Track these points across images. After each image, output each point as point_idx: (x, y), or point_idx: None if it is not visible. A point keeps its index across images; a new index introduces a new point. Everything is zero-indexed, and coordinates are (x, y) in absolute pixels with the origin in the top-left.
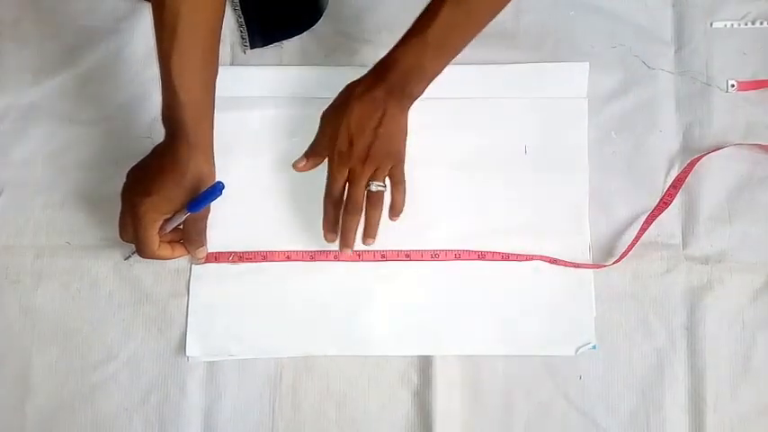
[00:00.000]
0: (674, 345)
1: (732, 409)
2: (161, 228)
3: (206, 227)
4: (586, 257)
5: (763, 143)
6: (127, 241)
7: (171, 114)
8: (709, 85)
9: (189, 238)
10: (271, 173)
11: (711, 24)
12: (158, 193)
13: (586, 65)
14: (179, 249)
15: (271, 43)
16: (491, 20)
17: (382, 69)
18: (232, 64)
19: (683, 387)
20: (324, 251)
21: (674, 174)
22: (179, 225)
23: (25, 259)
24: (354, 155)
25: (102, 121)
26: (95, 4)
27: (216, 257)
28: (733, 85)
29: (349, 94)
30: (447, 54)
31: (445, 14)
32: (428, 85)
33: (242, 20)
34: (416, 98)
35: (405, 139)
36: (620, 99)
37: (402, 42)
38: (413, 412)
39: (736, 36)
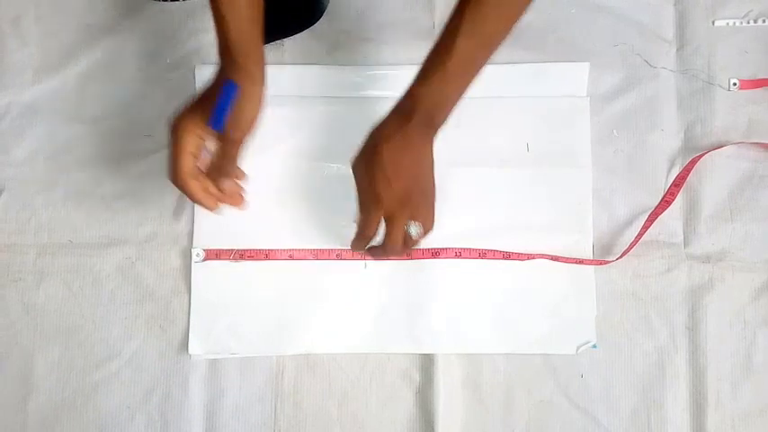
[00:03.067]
0: (676, 343)
1: (733, 408)
2: (196, 158)
3: (237, 156)
4: (589, 256)
5: (765, 141)
6: (175, 183)
7: (221, 50)
8: (711, 83)
9: (217, 164)
10: (273, 171)
11: (713, 23)
12: (194, 104)
13: (587, 65)
14: (210, 200)
15: (272, 41)
16: (506, 38)
17: (406, 107)
18: None
19: (684, 386)
20: (326, 250)
21: (676, 172)
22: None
23: (27, 258)
24: (394, 199)
25: (104, 119)
26: (96, 1)
27: (217, 254)
28: (735, 84)
29: (377, 139)
30: (468, 80)
31: (462, 45)
32: (452, 113)
33: None
34: (442, 126)
35: (433, 176)
36: (621, 97)
37: (422, 77)
38: (414, 410)
39: (738, 34)
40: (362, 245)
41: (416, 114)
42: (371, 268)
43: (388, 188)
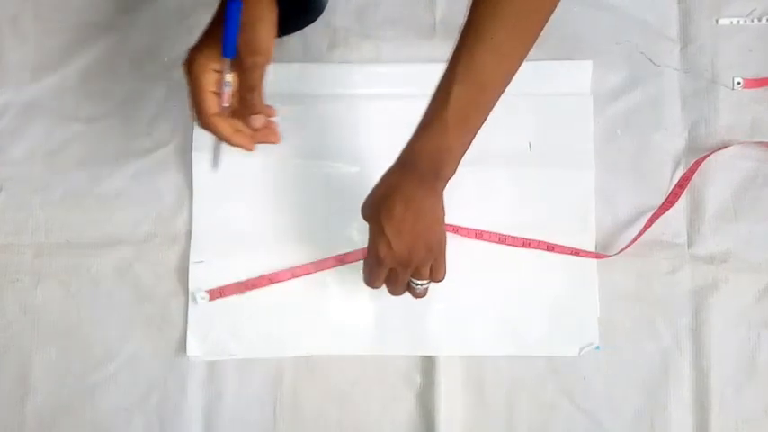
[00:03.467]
0: (679, 345)
1: (737, 410)
2: (219, 96)
3: (260, 86)
4: None
5: None
6: (197, 119)
7: None
8: (715, 82)
9: (243, 99)
10: (272, 169)
11: (717, 21)
12: (203, 38)
13: (590, 63)
14: (243, 138)
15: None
16: (508, 84)
17: (409, 160)
18: None
19: (687, 387)
20: (326, 259)
21: (680, 171)
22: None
23: (24, 258)
24: (394, 260)
25: (102, 118)
26: (94, 0)
27: (221, 292)
28: (739, 83)
29: (381, 194)
30: (471, 129)
31: (457, 93)
32: (460, 162)
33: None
34: (450, 178)
35: (443, 226)
36: (625, 96)
37: (422, 129)
38: (416, 413)
39: (742, 33)
40: (371, 287)
41: (419, 168)
42: None
43: (389, 250)
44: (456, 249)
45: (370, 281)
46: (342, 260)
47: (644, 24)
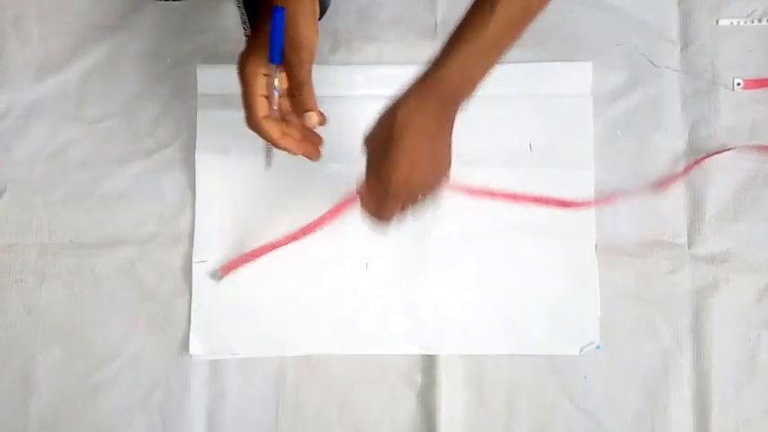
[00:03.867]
0: (680, 345)
1: (737, 410)
2: (269, 99)
3: (308, 83)
4: (592, 256)
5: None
6: (247, 122)
7: None
8: (715, 83)
9: (293, 98)
10: (273, 170)
11: (717, 22)
12: (251, 45)
13: (590, 64)
14: (286, 140)
15: None
16: (543, 10)
17: (431, 85)
18: (235, 62)
19: (688, 387)
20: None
21: (680, 172)
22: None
23: (28, 258)
24: (405, 187)
25: (105, 118)
26: (98, 1)
27: (232, 266)
28: (739, 84)
29: (394, 120)
30: (502, 53)
31: (502, 12)
32: (479, 86)
33: (245, 17)
34: (467, 102)
35: (451, 149)
36: (625, 97)
37: (454, 50)
38: (417, 412)
39: (742, 34)
40: (367, 215)
41: (442, 92)
42: (373, 269)
43: (401, 179)
44: (458, 249)
45: (384, 213)
46: (339, 209)
47: (644, 25)
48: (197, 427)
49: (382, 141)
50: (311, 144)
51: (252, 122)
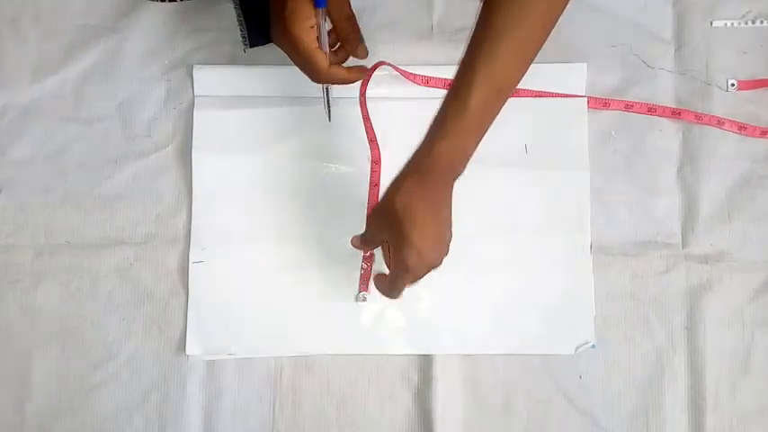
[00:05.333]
0: (674, 344)
1: (732, 409)
2: (321, 44)
3: (356, 21)
4: (587, 256)
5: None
6: (316, 78)
7: None
8: (709, 84)
9: (343, 36)
10: (272, 170)
11: (711, 23)
12: (286, 6)
13: (584, 65)
14: (354, 72)
15: (270, 42)
16: (521, 79)
17: (426, 165)
18: (232, 62)
19: (682, 386)
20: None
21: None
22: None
23: (25, 259)
24: (427, 267)
25: (102, 119)
26: (94, 2)
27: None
28: (733, 85)
29: (396, 200)
30: (485, 130)
31: (477, 97)
32: (471, 157)
33: (241, 18)
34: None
35: (451, 216)
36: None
37: (440, 134)
38: (413, 411)
39: (736, 35)
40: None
41: (437, 171)
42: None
43: (419, 259)
44: (453, 249)
45: (395, 292)
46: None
47: (638, 27)
48: (194, 427)
49: (388, 227)
50: (356, 47)
51: (321, 76)
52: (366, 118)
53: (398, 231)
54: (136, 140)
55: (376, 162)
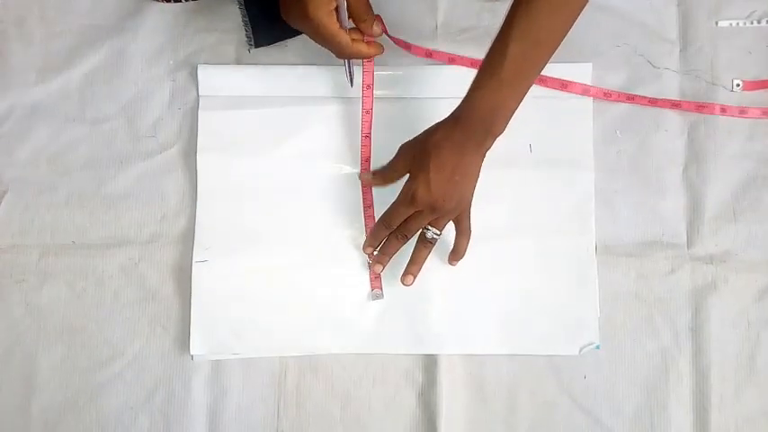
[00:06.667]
0: (679, 344)
1: (737, 409)
2: (341, 23)
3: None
4: (592, 257)
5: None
6: (340, 54)
7: None
8: (715, 84)
9: (357, 15)
10: (274, 170)
11: (717, 23)
12: None
13: (589, 65)
14: (374, 46)
15: (275, 42)
16: (561, 42)
17: (463, 116)
18: (237, 62)
19: (687, 387)
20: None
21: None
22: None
23: (30, 258)
24: (428, 201)
25: (107, 120)
26: (100, 2)
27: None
28: (738, 85)
29: (429, 138)
30: (525, 84)
31: (514, 50)
32: (509, 120)
33: (246, 18)
34: (500, 135)
35: (475, 185)
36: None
37: (477, 88)
38: (417, 411)
39: (741, 35)
40: (381, 235)
41: (472, 122)
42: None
43: (426, 192)
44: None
45: (391, 219)
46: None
47: (643, 26)
48: (199, 427)
49: (413, 155)
50: (369, 25)
51: (346, 51)
52: (367, 111)
53: (420, 164)
54: (141, 141)
55: (366, 160)
